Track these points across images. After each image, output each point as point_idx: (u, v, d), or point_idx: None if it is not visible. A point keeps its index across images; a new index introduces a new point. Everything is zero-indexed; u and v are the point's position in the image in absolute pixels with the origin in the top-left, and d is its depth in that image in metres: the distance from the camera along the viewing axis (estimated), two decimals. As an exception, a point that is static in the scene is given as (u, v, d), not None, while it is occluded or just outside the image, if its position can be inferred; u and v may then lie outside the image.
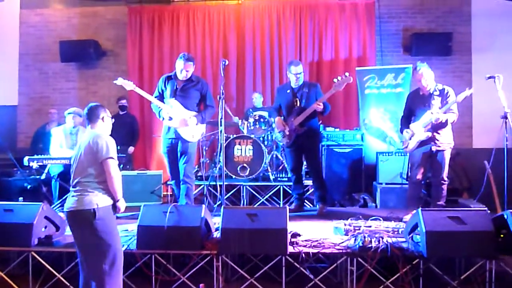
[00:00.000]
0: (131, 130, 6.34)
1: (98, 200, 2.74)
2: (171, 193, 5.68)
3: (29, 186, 5.16)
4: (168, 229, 3.19)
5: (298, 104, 4.51)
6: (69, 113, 5.01)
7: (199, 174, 5.65)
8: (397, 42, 6.81)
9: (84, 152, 2.80)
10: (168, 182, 4.28)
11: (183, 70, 4.18)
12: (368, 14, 6.60)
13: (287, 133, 4.54)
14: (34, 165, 4.52)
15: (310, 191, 5.16)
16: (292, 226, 3.43)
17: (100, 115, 2.92)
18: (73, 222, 2.78)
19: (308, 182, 5.09)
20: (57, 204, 4.69)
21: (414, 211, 3.36)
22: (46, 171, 5.03)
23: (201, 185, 5.46)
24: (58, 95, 7.19)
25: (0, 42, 7.12)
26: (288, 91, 4.62)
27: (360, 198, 5.43)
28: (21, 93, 7.23)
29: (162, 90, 4.36)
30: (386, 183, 5.29)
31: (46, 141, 5.41)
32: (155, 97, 4.33)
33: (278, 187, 5.34)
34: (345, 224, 3.57)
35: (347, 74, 4.30)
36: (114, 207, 2.83)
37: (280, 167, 5.70)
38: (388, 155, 5.45)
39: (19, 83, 7.22)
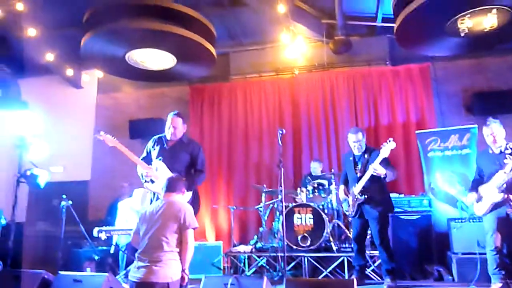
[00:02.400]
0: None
1: (172, 273, 2.74)
2: (230, 264, 5.59)
3: (96, 257, 5.35)
4: (229, 302, 3.11)
5: (358, 173, 4.37)
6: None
7: (258, 245, 5.54)
8: (458, 102, 6.62)
9: (164, 220, 2.83)
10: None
11: (170, 126, 3.94)
12: (424, 77, 6.56)
13: (351, 202, 4.41)
14: (103, 236, 4.71)
15: (377, 262, 4.82)
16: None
17: (182, 189, 3.06)
18: None
19: (375, 253, 4.77)
20: (122, 275, 4.78)
21: (500, 284, 2.99)
22: (114, 242, 5.22)
23: (261, 256, 5.33)
24: (127, 169, 7.66)
25: (79, 124, 7.97)
26: (351, 158, 4.51)
27: (433, 270, 4.96)
28: (94, 168, 7.83)
29: (150, 151, 4.10)
30: (462, 253, 4.80)
31: (116, 213, 5.67)
32: (142, 158, 4.04)
33: (342, 258, 5.03)
34: (420, 299, 3.25)
35: (390, 139, 4.15)
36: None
37: (343, 237, 5.43)
38: (462, 221, 5.02)
39: (92, 160, 7.86)
